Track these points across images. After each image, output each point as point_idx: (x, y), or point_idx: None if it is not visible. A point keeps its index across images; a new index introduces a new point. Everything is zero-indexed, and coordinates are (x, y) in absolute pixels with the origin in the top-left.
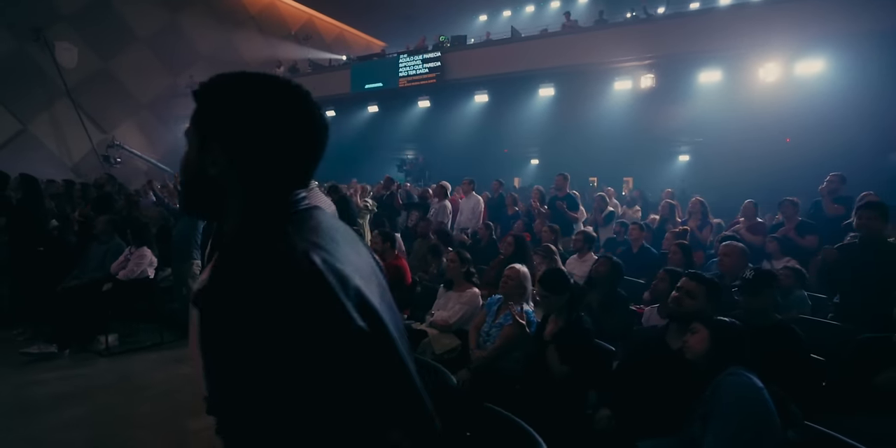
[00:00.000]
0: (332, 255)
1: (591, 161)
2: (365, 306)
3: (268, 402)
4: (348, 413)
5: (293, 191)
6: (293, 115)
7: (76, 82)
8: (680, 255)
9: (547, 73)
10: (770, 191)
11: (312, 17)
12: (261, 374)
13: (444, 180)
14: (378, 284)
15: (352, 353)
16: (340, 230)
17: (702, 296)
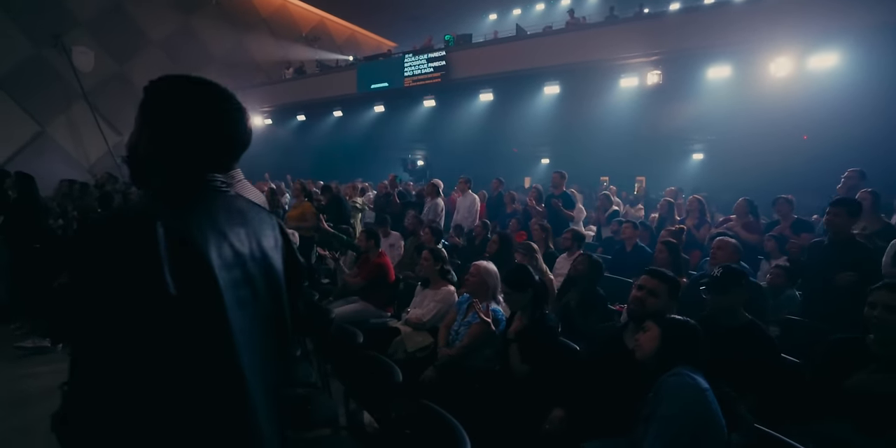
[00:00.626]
0: (200, 230)
1: (603, 160)
2: (204, 279)
3: (92, 348)
4: (157, 368)
5: (206, 174)
6: (207, 113)
7: (92, 85)
8: (666, 254)
9: (552, 71)
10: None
11: (324, 19)
12: (85, 321)
13: (448, 179)
14: (261, 268)
15: (160, 314)
16: (246, 214)
17: (664, 294)
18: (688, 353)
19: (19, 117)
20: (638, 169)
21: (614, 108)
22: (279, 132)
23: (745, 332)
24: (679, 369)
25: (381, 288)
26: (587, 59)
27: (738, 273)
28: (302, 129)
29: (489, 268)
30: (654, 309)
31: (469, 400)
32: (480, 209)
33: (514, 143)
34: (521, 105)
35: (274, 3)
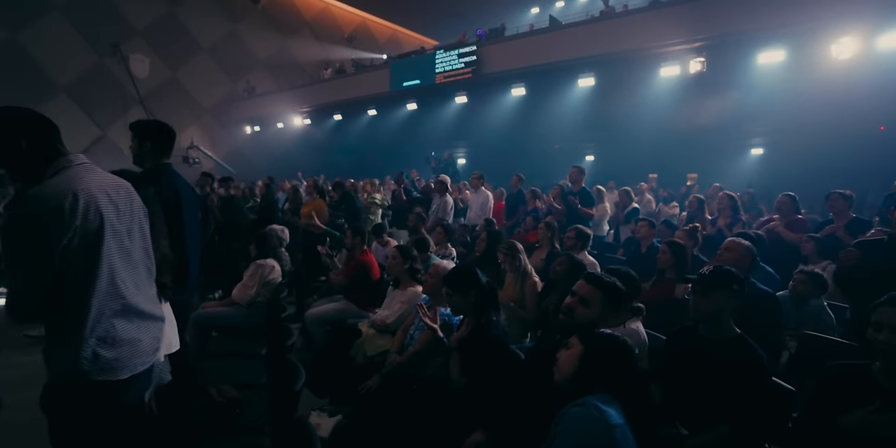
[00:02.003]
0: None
1: (650, 156)
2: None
3: None
4: None
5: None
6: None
7: (148, 91)
8: (669, 256)
9: (586, 63)
10: (856, 185)
11: (365, 20)
12: None
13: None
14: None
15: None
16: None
17: (597, 303)
18: (609, 378)
19: (83, 122)
20: (689, 165)
21: (656, 99)
22: (317, 132)
23: (730, 347)
24: (588, 398)
25: (364, 287)
26: (624, 48)
27: (728, 275)
28: (338, 129)
29: (448, 268)
30: (585, 319)
31: (407, 412)
32: (496, 206)
33: (554, 139)
34: (555, 99)
35: (317, 6)
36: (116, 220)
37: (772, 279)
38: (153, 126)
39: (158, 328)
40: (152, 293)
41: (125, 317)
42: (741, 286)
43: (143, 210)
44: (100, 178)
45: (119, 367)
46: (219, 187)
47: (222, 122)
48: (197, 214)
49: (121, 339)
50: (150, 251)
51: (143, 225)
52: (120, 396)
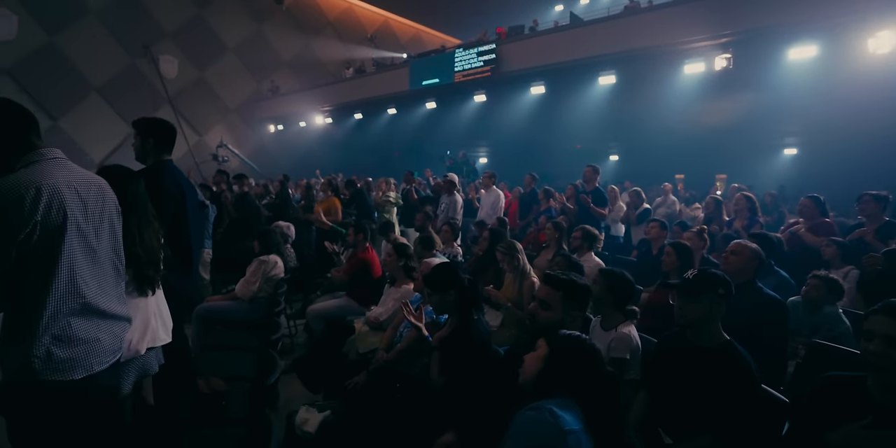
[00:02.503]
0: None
1: (677, 156)
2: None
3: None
4: None
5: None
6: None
7: (176, 91)
8: (674, 258)
9: (607, 60)
10: None
11: (388, 20)
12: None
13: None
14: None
15: None
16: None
17: (557, 304)
18: (571, 381)
19: (114, 120)
20: (718, 166)
21: (681, 97)
22: (339, 130)
23: (718, 354)
24: (544, 402)
25: (364, 284)
26: (646, 45)
27: (713, 279)
28: (359, 127)
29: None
30: (550, 322)
31: (390, 410)
32: (513, 206)
33: (576, 138)
34: (575, 97)
35: (340, 6)
36: (83, 219)
37: (786, 284)
38: (156, 123)
39: (122, 327)
40: (118, 292)
41: (84, 316)
42: (728, 291)
43: (115, 208)
44: (69, 174)
45: (73, 366)
46: (233, 184)
47: (247, 120)
48: (196, 210)
49: (77, 339)
50: (119, 250)
51: (115, 223)
52: (75, 396)
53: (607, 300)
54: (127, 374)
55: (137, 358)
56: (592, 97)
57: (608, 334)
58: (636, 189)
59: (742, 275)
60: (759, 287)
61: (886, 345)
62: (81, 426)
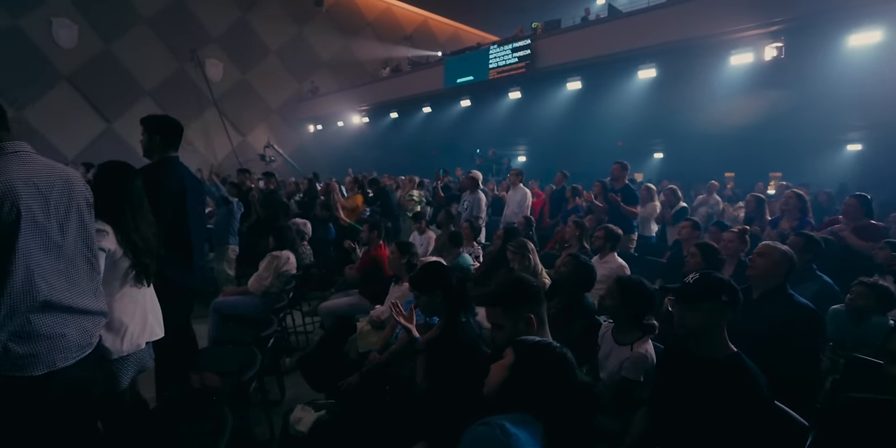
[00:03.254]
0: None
1: (727, 153)
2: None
3: None
4: None
5: None
6: None
7: (221, 93)
8: (699, 259)
9: (646, 53)
10: None
11: (427, 19)
12: None
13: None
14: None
15: None
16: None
17: (503, 319)
18: (535, 394)
19: None
20: (772, 163)
21: (728, 90)
22: (375, 129)
23: (721, 368)
24: (496, 418)
25: (376, 281)
26: (689, 35)
27: (716, 283)
28: (394, 126)
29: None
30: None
31: (380, 412)
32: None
33: (616, 135)
34: (614, 92)
35: (379, 6)
36: (42, 215)
37: (828, 290)
38: (163, 121)
39: (94, 322)
40: (93, 286)
41: (46, 312)
42: (733, 298)
43: (86, 201)
44: (30, 169)
45: (33, 362)
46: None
47: (288, 121)
48: (201, 205)
49: (39, 335)
50: (91, 244)
51: (85, 217)
52: (36, 392)
53: (624, 313)
54: (127, 369)
55: (137, 353)
56: (632, 92)
57: (623, 351)
58: (672, 187)
59: (770, 280)
60: (789, 294)
61: None
62: (48, 422)
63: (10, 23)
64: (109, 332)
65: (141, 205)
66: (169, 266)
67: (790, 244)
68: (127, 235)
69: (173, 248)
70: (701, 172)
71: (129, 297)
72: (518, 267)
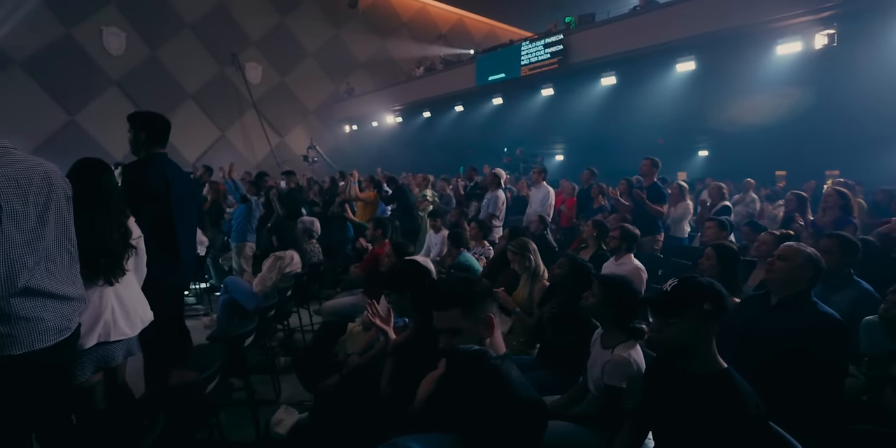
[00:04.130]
0: None
1: (778, 151)
2: None
3: None
4: None
5: None
6: None
7: (260, 95)
8: (714, 262)
9: (685, 45)
10: None
11: (462, 18)
12: None
13: None
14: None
15: None
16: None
17: (462, 322)
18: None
19: (206, 124)
20: (828, 161)
21: (774, 82)
22: (409, 129)
23: (708, 385)
24: (404, 440)
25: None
26: (731, 25)
27: (698, 290)
28: (427, 125)
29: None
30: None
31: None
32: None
33: (657, 132)
34: (650, 87)
35: (414, 6)
36: (21, 207)
37: (867, 298)
38: (148, 117)
39: (73, 307)
40: (72, 274)
41: (26, 296)
42: (718, 306)
43: (64, 195)
44: (10, 164)
45: (10, 343)
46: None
47: (325, 122)
48: (192, 203)
49: (17, 317)
50: (71, 235)
51: (63, 209)
52: (14, 371)
53: (606, 314)
54: (83, 363)
55: (94, 349)
56: (670, 86)
57: (605, 354)
58: (718, 184)
59: (791, 286)
60: (812, 302)
61: None
62: (21, 401)
63: (64, 32)
64: None
65: (102, 205)
66: (154, 264)
67: (822, 246)
68: (80, 239)
69: (158, 245)
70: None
71: None
72: (519, 268)
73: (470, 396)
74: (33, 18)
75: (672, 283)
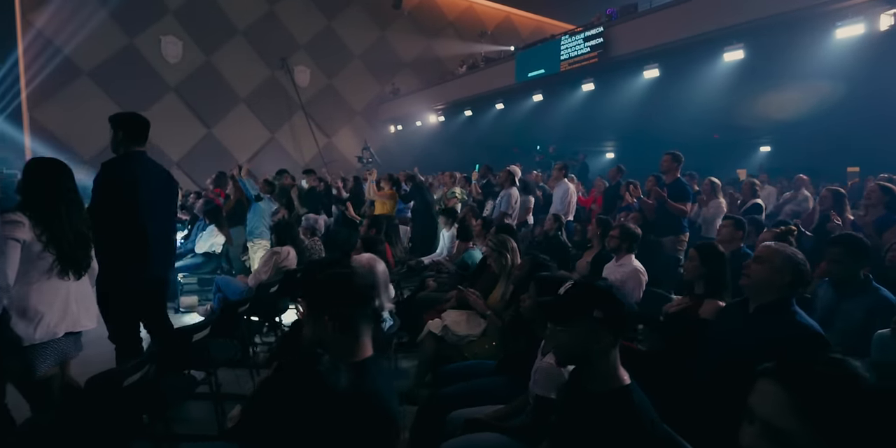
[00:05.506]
0: None
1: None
2: None
3: None
4: None
5: None
6: None
7: (308, 98)
8: (697, 263)
9: (733, 33)
10: None
11: (509, 15)
12: None
13: None
14: None
15: None
16: None
17: None
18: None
19: (256, 126)
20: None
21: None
22: (451, 128)
23: (606, 404)
24: None
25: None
26: (784, 9)
27: (591, 295)
28: (468, 124)
29: (370, 263)
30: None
31: None
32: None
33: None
34: (699, 79)
35: (460, 5)
36: None
37: (883, 306)
38: (125, 118)
39: None
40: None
41: None
42: (611, 313)
43: None
44: None
45: None
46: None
47: (371, 122)
48: (164, 200)
49: None
50: None
51: None
52: None
53: (542, 318)
54: (44, 357)
55: (56, 342)
56: (717, 77)
57: (539, 362)
58: (750, 180)
59: (768, 292)
60: (792, 311)
61: (766, 436)
62: None
63: (127, 42)
64: (23, 319)
65: (73, 200)
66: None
67: (827, 255)
68: (52, 228)
69: (126, 240)
70: (818, 168)
71: (49, 287)
72: (495, 266)
73: (295, 398)
74: (100, 30)
75: (566, 287)
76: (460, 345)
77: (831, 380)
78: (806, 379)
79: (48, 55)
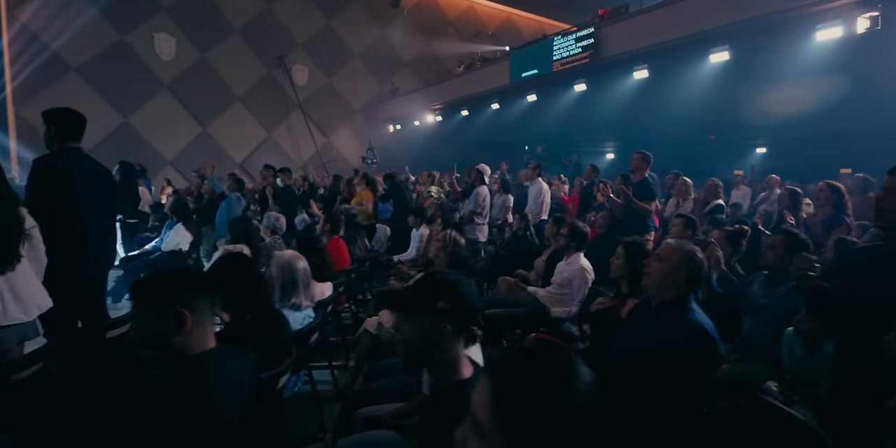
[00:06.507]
0: None
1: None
2: None
3: None
4: None
5: None
6: None
7: (306, 96)
8: (622, 262)
9: (717, 34)
10: None
11: (510, 15)
12: None
13: None
14: None
15: None
16: None
17: None
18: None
19: (253, 125)
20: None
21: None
22: (448, 127)
23: (441, 400)
24: None
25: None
26: (767, 11)
27: (435, 287)
28: (465, 124)
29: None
30: None
31: None
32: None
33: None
34: (688, 80)
35: (461, 5)
36: None
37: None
38: (59, 113)
39: None
40: None
41: None
42: (456, 304)
43: None
44: None
45: None
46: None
47: (370, 121)
48: (103, 196)
49: None
50: None
51: None
52: None
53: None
54: None
55: None
56: (705, 78)
57: None
58: (714, 181)
59: (666, 290)
60: (687, 309)
61: None
62: None
63: (118, 39)
64: None
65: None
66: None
67: (768, 241)
68: None
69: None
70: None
71: None
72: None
73: None
74: (89, 26)
75: (417, 278)
76: (394, 342)
77: None
78: None
79: (34, 50)
